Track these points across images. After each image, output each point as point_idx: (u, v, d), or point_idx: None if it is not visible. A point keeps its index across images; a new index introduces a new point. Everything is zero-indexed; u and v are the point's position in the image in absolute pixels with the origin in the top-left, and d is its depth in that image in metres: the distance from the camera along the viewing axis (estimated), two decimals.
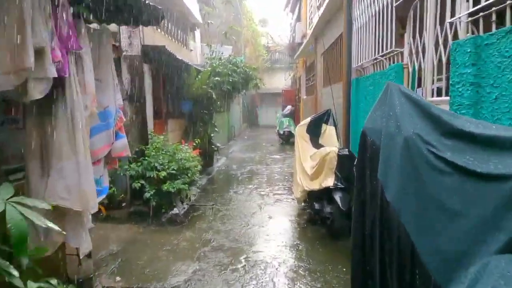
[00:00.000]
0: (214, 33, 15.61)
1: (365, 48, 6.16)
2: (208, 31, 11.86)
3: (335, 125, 6.33)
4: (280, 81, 29.10)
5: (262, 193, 8.07)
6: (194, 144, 8.15)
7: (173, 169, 5.79)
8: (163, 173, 5.62)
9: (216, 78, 8.83)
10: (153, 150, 5.92)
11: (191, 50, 13.24)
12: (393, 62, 4.71)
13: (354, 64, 6.59)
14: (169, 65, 7.62)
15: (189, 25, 13.10)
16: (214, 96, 8.60)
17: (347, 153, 4.88)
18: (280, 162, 12.27)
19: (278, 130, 17.49)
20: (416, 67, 4.11)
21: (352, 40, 6.67)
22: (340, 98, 7.96)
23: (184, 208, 6.62)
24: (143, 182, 5.75)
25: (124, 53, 5.81)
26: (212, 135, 10.27)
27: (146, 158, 5.86)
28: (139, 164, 5.84)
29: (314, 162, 5.37)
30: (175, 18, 11.42)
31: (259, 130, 26.81)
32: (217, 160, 11.72)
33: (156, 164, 5.77)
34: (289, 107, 19.55)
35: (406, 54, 4.36)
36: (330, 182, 4.90)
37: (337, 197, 4.81)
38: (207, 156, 10.25)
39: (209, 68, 8.48)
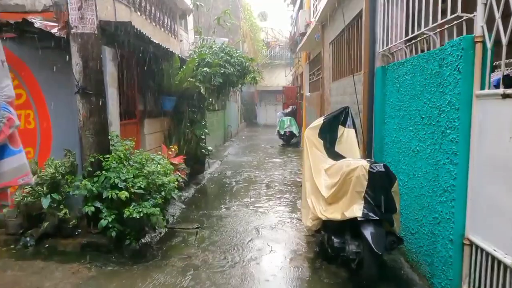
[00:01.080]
0: (207, 23, 14.10)
1: (394, 26, 4.67)
2: (198, 18, 10.32)
3: (355, 127, 4.84)
4: (280, 78, 27.61)
5: (261, 210, 6.56)
6: (173, 149, 6.65)
7: (140, 187, 4.29)
8: (124, 194, 4.11)
9: (205, 69, 7.31)
10: (115, 161, 4.41)
11: (180, 41, 11.72)
12: (446, 39, 3.20)
13: (378, 48, 5.08)
14: (145, 52, 6.11)
15: (178, 12, 11.58)
16: (202, 90, 7.09)
17: (383, 169, 3.38)
18: (281, 167, 10.76)
19: (278, 130, 15.99)
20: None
21: (377, 19, 5.17)
22: (355, 94, 6.44)
23: (158, 234, 5.12)
24: (99, 205, 4.25)
25: (73, 30, 4.30)
26: (202, 137, 8.76)
27: (105, 172, 4.35)
28: (94, 180, 4.34)
29: (332, 180, 3.87)
30: (161, 3, 9.90)
31: (258, 130, 25.31)
32: (208, 165, 10.21)
33: (117, 181, 4.27)
34: (290, 106, 18.05)
35: (479, 21, 2.85)
36: (357, 211, 3.40)
37: (368, 232, 3.32)
38: (197, 161, 8.74)
39: (196, 57, 6.99)
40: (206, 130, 8.48)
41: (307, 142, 4.55)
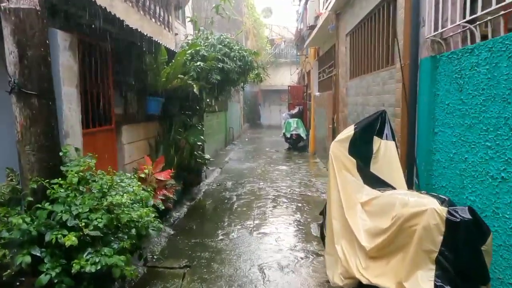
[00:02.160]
0: (207, 16, 12.82)
1: (451, 3, 3.42)
2: (196, 9, 9.00)
3: (395, 139, 3.56)
4: (285, 77, 26.32)
5: (267, 238, 5.29)
6: (154, 159, 5.37)
7: (98, 227, 3.02)
8: (71, 238, 2.84)
9: (199, 64, 6.03)
10: (64, 189, 3.15)
11: (175, 34, 10.42)
12: None
13: (428, 32, 3.79)
14: (123, 41, 4.85)
15: (174, 2, 10.30)
16: (195, 89, 5.82)
17: (469, 216, 2.09)
18: (289, 176, 9.47)
19: (284, 133, 14.69)
20: None
21: None
22: (384, 94, 5.15)
23: (132, 280, 3.86)
24: (39, 252, 2.99)
25: (3, 4, 3.04)
26: (199, 143, 7.49)
27: (48, 204, 3.09)
28: (34, 215, 3.08)
29: (376, 222, 2.59)
30: None
31: (262, 131, 24.02)
32: (205, 176, 8.93)
33: (66, 217, 3.01)
34: (297, 107, 16.76)
35: None
36: (425, 282, 2.12)
37: None
38: (192, 172, 7.48)
39: (187, 48, 5.71)
40: (202, 137, 7.20)
41: (333, 162, 3.26)
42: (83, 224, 2.99)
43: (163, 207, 5.23)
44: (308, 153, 13.69)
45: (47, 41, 3.27)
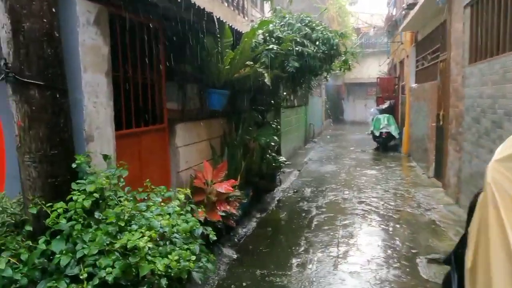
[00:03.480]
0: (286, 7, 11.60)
1: None
2: None
3: None
4: (372, 69, 23.98)
5: (357, 278, 3.94)
6: (218, 164, 4.29)
7: (107, 279, 2.00)
8: None
9: (272, 47, 4.85)
10: (73, 216, 2.21)
11: (251, 21, 9.38)
12: None
13: None
14: (175, 19, 3.87)
15: None
16: (267, 80, 4.66)
17: None
18: (380, 183, 7.89)
19: (372, 131, 12.92)
20: None
21: None
22: None
23: None
24: None
25: None
26: (272, 143, 6.35)
27: (47, 242, 2.17)
28: (29, 255, 2.18)
29: None
30: None
31: (345, 128, 22.19)
32: (280, 181, 7.77)
33: (65, 261, 2.06)
34: (387, 101, 14.79)
35: None
36: None
37: None
38: (264, 177, 6.39)
39: (256, 26, 4.56)
40: (276, 137, 6.03)
41: (496, 194, 1.82)
42: (85, 275, 2.00)
43: (223, 226, 4.21)
44: (401, 155, 11.80)
45: (53, 10, 2.35)
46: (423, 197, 6.80)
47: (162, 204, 2.49)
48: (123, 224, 2.16)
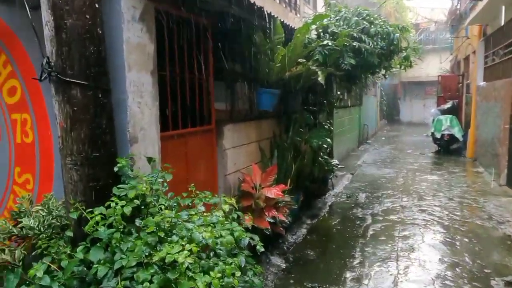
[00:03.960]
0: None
1: None
2: None
3: None
4: (431, 67, 22.49)
5: None
6: (267, 167, 4.03)
7: None
8: None
9: (327, 43, 4.52)
10: (112, 223, 2.08)
11: (303, 18, 9.06)
12: None
13: None
14: (225, 16, 3.69)
15: None
16: (320, 78, 4.35)
17: None
18: (442, 191, 7.22)
19: (433, 133, 12.02)
20: None
21: None
22: None
23: None
24: None
25: None
26: (324, 146, 6.00)
27: (85, 251, 2.06)
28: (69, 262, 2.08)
29: None
30: None
31: (401, 129, 21.05)
32: (332, 184, 7.38)
33: (103, 271, 1.93)
34: (450, 101, 13.74)
35: None
36: None
37: None
38: (315, 180, 6.07)
39: (310, 21, 4.26)
40: (329, 139, 5.68)
41: None
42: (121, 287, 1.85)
43: (271, 233, 3.97)
44: (465, 159, 10.85)
45: (96, 6, 2.24)
46: (494, 207, 6.10)
47: (206, 214, 2.28)
48: (163, 235, 1.99)
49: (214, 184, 3.93)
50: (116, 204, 2.14)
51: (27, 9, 2.31)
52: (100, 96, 2.27)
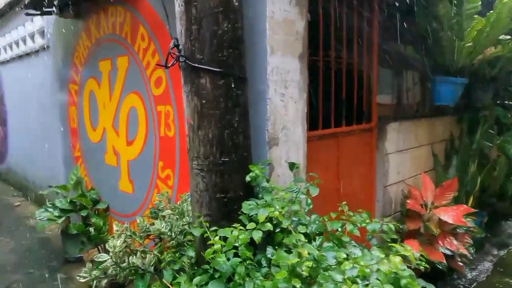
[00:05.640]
0: None
1: None
2: None
3: None
4: None
5: None
6: (442, 179, 2.99)
7: None
8: None
9: None
10: (243, 253, 1.59)
11: None
12: None
13: None
14: None
15: None
16: None
17: None
18: None
19: None
20: None
21: None
22: None
23: None
24: None
25: None
26: None
27: (208, 273, 1.63)
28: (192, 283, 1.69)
29: None
30: None
31: None
32: None
33: None
34: None
35: None
36: None
37: None
38: (503, 200, 4.63)
39: None
40: None
41: None
42: None
43: (446, 268, 3.01)
44: None
45: None
46: None
47: (361, 261, 1.57)
48: (298, 286, 1.38)
49: (371, 197, 3.16)
50: (244, 226, 1.65)
51: None
52: (233, 86, 1.80)
